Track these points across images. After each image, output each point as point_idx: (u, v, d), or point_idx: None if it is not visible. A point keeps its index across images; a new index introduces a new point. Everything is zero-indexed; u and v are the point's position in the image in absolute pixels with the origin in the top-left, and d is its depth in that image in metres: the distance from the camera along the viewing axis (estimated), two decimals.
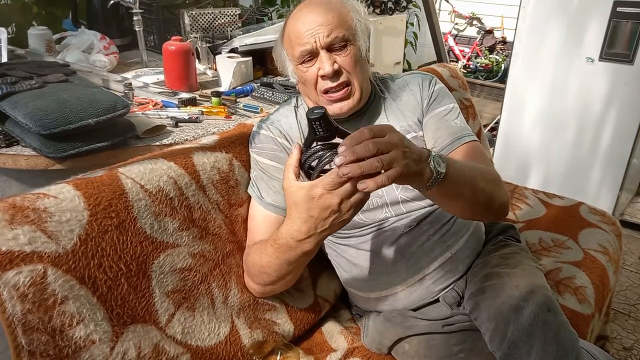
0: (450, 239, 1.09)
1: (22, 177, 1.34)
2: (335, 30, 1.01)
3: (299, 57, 1.04)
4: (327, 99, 1.05)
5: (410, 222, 1.08)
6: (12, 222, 0.77)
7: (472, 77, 5.21)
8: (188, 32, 2.12)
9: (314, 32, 1.01)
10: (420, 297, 1.08)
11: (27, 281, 0.74)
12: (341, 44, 1.03)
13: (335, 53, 1.03)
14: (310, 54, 1.03)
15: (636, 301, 2.09)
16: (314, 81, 1.05)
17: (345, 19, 1.04)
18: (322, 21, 1.01)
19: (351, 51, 1.04)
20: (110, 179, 0.91)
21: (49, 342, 0.76)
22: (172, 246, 0.96)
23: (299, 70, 1.06)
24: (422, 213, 1.09)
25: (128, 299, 0.88)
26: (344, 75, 1.04)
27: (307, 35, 1.01)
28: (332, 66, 1.01)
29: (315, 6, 1.04)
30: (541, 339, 0.85)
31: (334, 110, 1.06)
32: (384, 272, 1.09)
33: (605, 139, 2.38)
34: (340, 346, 1.17)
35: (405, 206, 1.10)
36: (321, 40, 1.01)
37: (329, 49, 1.02)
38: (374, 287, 1.12)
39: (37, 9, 2.43)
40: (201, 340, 0.98)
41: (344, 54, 1.03)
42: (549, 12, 2.38)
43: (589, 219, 1.62)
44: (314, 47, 1.02)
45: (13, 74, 1.34)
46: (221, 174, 1.09)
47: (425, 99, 1.16)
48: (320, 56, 1.02)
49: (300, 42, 1.02)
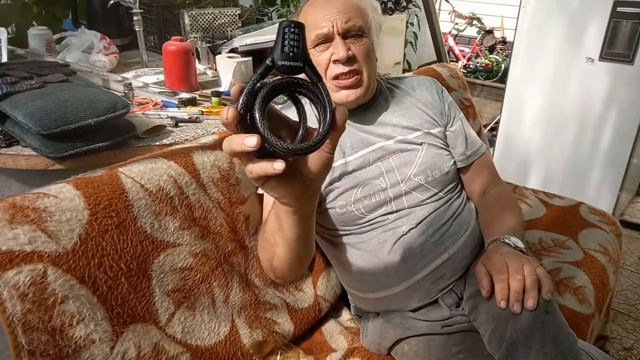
0: (449, 240, 1.09)
1: (22, 177, 1.34)
2: (353, 19, 1.04)
3: (314, 39, 1.04)
4: (336, 84, 1.06)
5: (410, 221, 1.08)
6: (12, 222, 0.77)
7: (472, 77, 5.22)
8: (188, 32, 2.12)
9: (332, 17, 1.03)
10: (419, 298, 1.08)
11: (27, 281, 0.74)
12: (357, 33, 1.05)
13: (349, 41, 1.05)
14: (326, 38, 1.04)
15: (636, 301, 2.09)
16: (325, 65, 1.05)
17: (363, 12, 1.07)
18: (340, 8, 1.04)
19: (365, 42, 1.06)
20: (110, 179, 0.91)
21: (49, 342, 0.76)
22: (172, 245, 0.96)
23: (311, 54, 1.04)
24: (423, 212, 1.09)
25: (128, 299, 0.88)
26: (357, 64, 1.05)
27: (325, 20, 1.03)
28: (347, 52, 1.02)
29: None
30: (539, 340, 0.85)
31: (340, 97, 1.07)
32: (383, 272, 1.09)
33: (605, 139, 2.38)
34: (340, 346, 1.17)
35: (408, 199, 1.10)
36: (339, 25, 1.03)
37: (344, 36, 1.04)
38: (373, 287, 1.12)
39: (37, 9, 2.42)
40: (201, 340, 0.98)
41: (358, 43, 1.05)
42: (549, 12, 2.39)
43: (589, 219, 1.62)
44: (331, 31, 1.03)
45: (13, 74, 1.33)
46: (221, 172, 1.09)
47: (443, 107, 1.21)
48: (336, 41, 1.04)
49: (317, 25, 1.04)
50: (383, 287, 1.10)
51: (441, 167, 1.13)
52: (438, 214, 1.11)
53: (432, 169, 1.12)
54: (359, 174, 1.09)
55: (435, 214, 1.10)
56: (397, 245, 1.07)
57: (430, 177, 1.11)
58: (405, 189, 1.10)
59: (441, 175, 1.13)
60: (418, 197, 1.10)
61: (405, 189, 1.10)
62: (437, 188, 1.12)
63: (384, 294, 1.11)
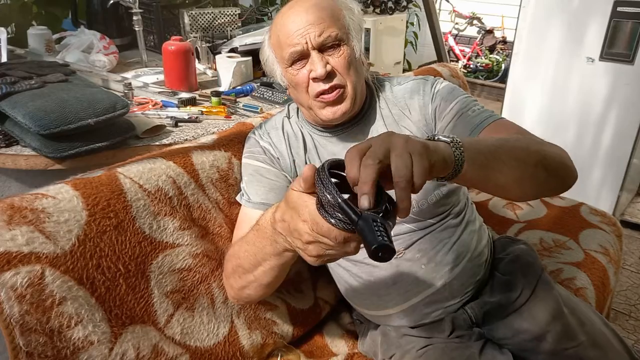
0: (444, 268, 1.02)
1: (21, 177, 1.34)
2: (327, 30, 0.94)
3: (288, 58, 0.97)
4: (320, 102, 0.99)
5: (399, 246, 1.02)
6: (10, 223, 0.76)
7: (472, 77, 5.21)
8: (188, 32, 2.12)
9: (304, 31, 0.94)
10: (414, 320, 1.05)
11: (25, 282, 0.74)
12: (334, 43, 0.96)
13: (327, 53, 0.96)
14: (301, 55, 0.96)
15: (636, 301, 2.09)
16: (305, 84, 0.98)
17: (337, 17, 0.97)
18: (313, 20, 0.94)
19: (344, 52, 0.97)
20: (108, 179, 0.91)
21: (47, 343, 0.76)
22: (171, 246, 0.96)
23: (289, 74, 1.00)
24: (409, 239, 1.02)
25: (127, 300, 0.88)
26: (337, 78, 0.97)
27: (297, 36, 0.95)
28: (325, 67, 0.94)
29: (305, 4, 0.96)
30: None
31: (327, 114, 1.00)
32: (375, 294, 1.06)
33: (605, 139, 2.38)
34: (340, 350, 1.16)
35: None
36: (312, 40, 0.94)
37: (320, 49, 0.96)
38: (367, 305, 1.10)
39: (36, 9, 2.42)
40: (200, 341, 0.98)
41: (336, 54, 0.96)
42: (550, 12, 2.38)
43: (590, 219, 1.62)
44: (305, 47, 0.95)
45: (13, 74, 1.33)
46: (220, 173, 1.09)
47: (428, 104, 1.05)
48: (312, 57, 0.95)
49: (290, 42, 0.95)
50: (376, 307, 1.08)
51: (428, 197, 1.02)
52: (430, 241, 1.03)
53: (418, 200, 1.02)
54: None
55: (426, 241, 1.03)
56: (388, 272, 1.03)
57: (415, 207, 1.01)
58: None
59: (428, 205, 1.02)
60: (405, 226, 1.03)
61: None
62: (425, 217, 1.03)
63: (377, 313, 1.09)
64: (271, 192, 1.03)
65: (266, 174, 1.06)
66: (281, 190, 1.03)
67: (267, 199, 1.02)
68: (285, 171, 1.07)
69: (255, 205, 1.02)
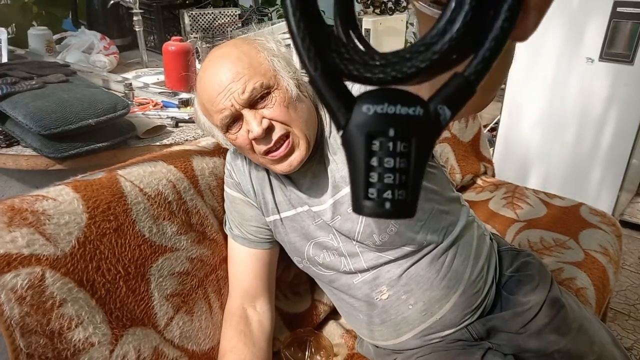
0: (435, 305, 0.96)
1: (22, 177, 1.34)
2: (249, 82, 0.84)
3: (221, 126, 0.88)
4: (271, 159, 0.89)
5: (379, 285, 0.97)
6: (11, 225, 0.77)
7: None
8: (188, 32, 2.12)
9: (226, 92, 0.85)
10: (405, 346, 1.02)
11: (25, 284, 0.74)
12: (263, 94, 0.86)
13: (260, 106, 0.86)
14: (233, 118, 0.87)
15: (636, 301, 2.09)
16: (248, 146, 0.88)
17: (258, 64, 0.87)
18: (231, 77, 0.84)
19: (276, 98, 0.86)
20: (109, 182, 0.91)
21: (48, 345, 0.76)
22: (170, 250, 0.96)
23: (229, 139, 0.91)
24: (389, 275, 0.97)
25: (127, 302, 0.88)
26: (278, 128, 0.87)
27: (221, 99, 0.85)
28: (261, 125, 0.84)
29: (219, 61, 0.87)
30: None
31: (282, 169, 0.90)
32: (364, 327, 1.05)
33: (605, 139, 2.38)
34: (341, 351, 1.17)
35: (366, 259, 0.97)
36: (237, 99, 0.84)
37: (251, 105, 0.86)
38: (362, 334, 1.09)
39: (37, 9, 2.42)
40: (197, 345, 0.98)
41: (270, 104, 0.86)
42: (549, 12, 2.34)
43: (590, 219, 1.62)
44: (233, 110, 0.85)
45: (13, 74, 1.33)
46: (218, 180, 1.09)
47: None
48: (245, 117, 0.86)
49: (216, 108, 0.86)
50: (365, 335, 1.07)
51: (387, 228, 0.94)
52: (416, 280, 0.97)
53: (379, 232, 0.94)
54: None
55: (411, 280, 0.97)
56: (374, 311, 1.00)
57: (377, 241, 0.94)
58: (359, 248, 0.97)
59: (390, 236, 0.94)
60: (375, 253, 0.97)
61: (359, 248, 0.97)
62: (395, 246, 0.96)
63: (368, 340, 1.08)
64: (244, 226, 1.03)
65: (240, 205, 1.04)
66: (255, 220, 1.03)
67: (243, 233, 1.04)
68: (249, 198, 1.03)
69: (237, 239, 1.04)
